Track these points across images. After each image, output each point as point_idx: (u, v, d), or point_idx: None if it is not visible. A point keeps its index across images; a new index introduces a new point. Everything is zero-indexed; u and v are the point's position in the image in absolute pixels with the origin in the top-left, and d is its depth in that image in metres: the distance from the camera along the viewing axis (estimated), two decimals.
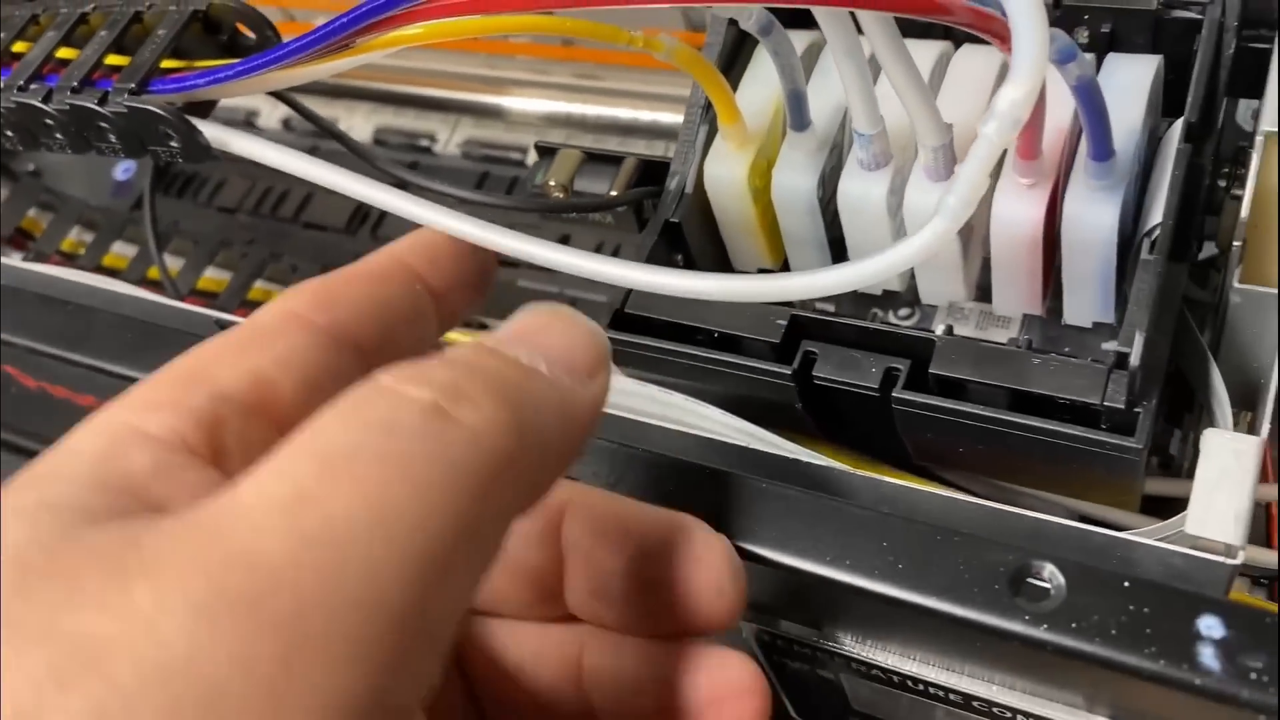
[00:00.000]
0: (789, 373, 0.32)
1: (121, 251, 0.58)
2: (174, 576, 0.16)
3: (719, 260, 0.39)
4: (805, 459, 0.32)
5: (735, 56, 0.38)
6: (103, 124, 0.35)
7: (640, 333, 0.34)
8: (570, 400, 0.22)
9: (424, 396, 0.19)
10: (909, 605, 0.26)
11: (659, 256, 0.36)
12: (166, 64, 0.34)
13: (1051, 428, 0.30)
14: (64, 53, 0.37)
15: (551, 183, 0.40)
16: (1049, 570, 0.26)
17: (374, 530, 0.17)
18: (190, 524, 0.17)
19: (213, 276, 0.56)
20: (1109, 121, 0.30)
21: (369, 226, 0.57)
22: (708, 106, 0.37)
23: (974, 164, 0.25)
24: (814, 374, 0.33)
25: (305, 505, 0.17)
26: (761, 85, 0.37)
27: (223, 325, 0.40)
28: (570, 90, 0.55)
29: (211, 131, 0.33)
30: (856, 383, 0.32)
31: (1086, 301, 0.34)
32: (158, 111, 0.33)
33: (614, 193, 0.39)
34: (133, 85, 0.34)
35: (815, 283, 0.27)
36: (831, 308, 0.38)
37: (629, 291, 0.35)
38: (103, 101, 0.34)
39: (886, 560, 0.27)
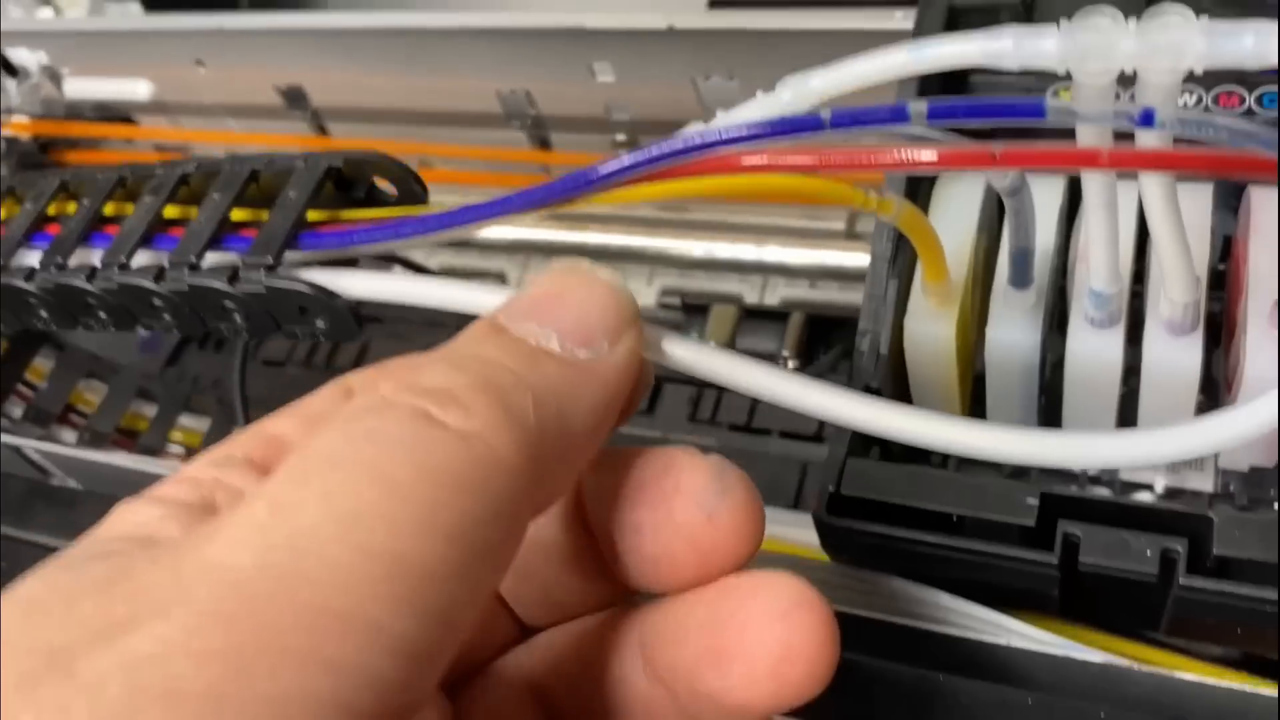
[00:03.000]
0: (1054, 562, 0.29)
1: (190, 424, 0.53)
2: (152, 592, 0.17)
3: None
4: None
5: (912, 197, 0.34)
6: (228, 304, 0.30)
7: (858, 517, 0.30)
8: (588, 375, 0.22)
9: (411, 403, 0.20)
10: None
11: None
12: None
13: None
14: (170, 211, 0.32)
15: (711, 344, 0.36)
16: None
17: (336, 534, 0.17)
18: (174, 548, 0.18)
19: None
20: None
21: None
22: (894, 258, 0.33)
23: None
24: (1080, 560, 0.29)
25: (276, 516, 0.18)
26: (951, 232, 0.33)
27: None
28: (651, 226, 0.51)
29: (364, 286, 0.28)
30: (1131, 568, 0.28)
31: None
32: (304, 290, 0.28)
33: (786, 351, 0.35)
34: (269, 260, 0.29)
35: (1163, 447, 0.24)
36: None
37: (842, 470, 0.31)
38: (233, 280, 0.29)
39: None
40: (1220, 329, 0.34)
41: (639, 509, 0.23)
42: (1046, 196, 0.34)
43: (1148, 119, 0.22)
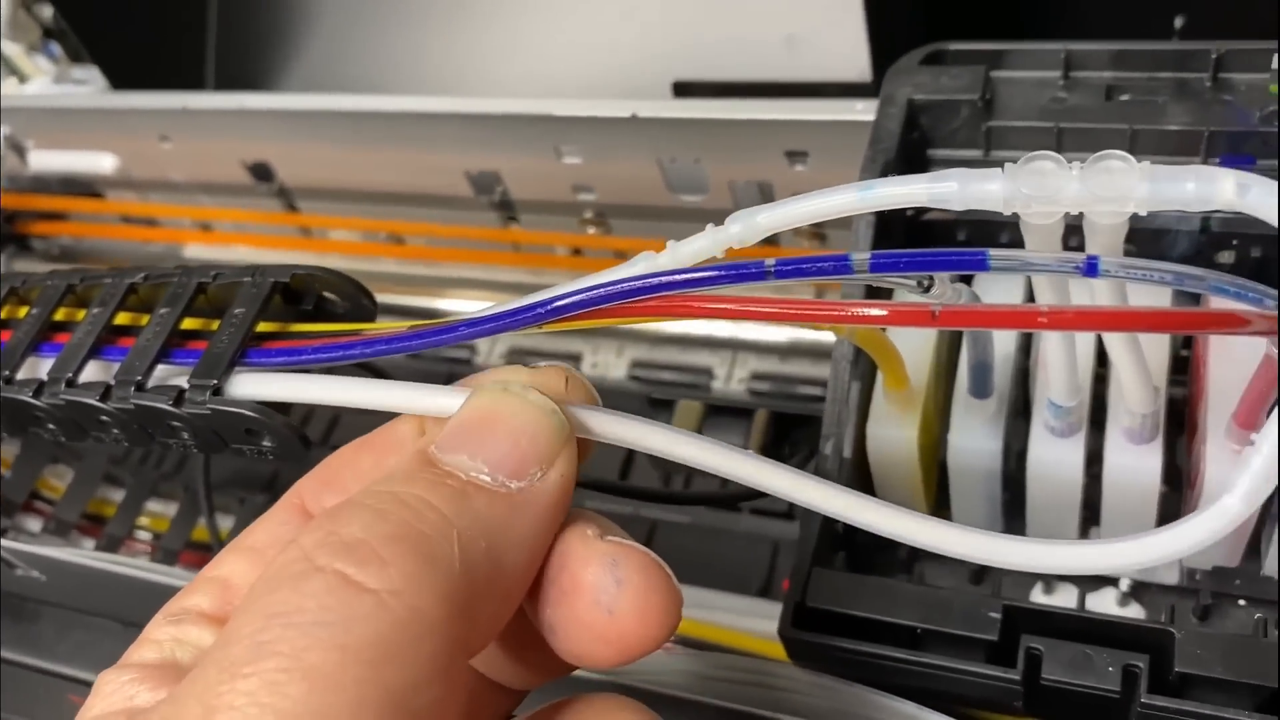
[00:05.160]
0: (1017, 678, 0.28)
1: (157, 509, 0.52)
2: None
3: None
4: None
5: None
6: (175, 423, 0.29)
7: (824, 630, 0.30)
8: (520, 506, 0.21)
9: (329, 568, 0.19)
10: None
11: (828, 528, 0.32)
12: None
13: None
14: (121, 319, 0.31)
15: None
16: None
17: None
18: None
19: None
20: None
21: None
22: (855, 360, 0.33)
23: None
24: (1042, 676, 0.28)
25: None
26: (907, 339, 0.33)
27: None
28: None
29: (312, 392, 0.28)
30: (1093, 685, 0.28)
31: None
32: (252, 415, 0.28)
33: (750, 450, 0.35)
34: (214, 382, 0.28)
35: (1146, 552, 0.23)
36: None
37: (807, 580, 0.30)
38: (178, 402, 0.29)
39: None
40: (1184, 417, 0.33)
41: (547, 608, 0.23)
42: (1007, 296, 0.33)
43: (1091, 269, 0.21)
